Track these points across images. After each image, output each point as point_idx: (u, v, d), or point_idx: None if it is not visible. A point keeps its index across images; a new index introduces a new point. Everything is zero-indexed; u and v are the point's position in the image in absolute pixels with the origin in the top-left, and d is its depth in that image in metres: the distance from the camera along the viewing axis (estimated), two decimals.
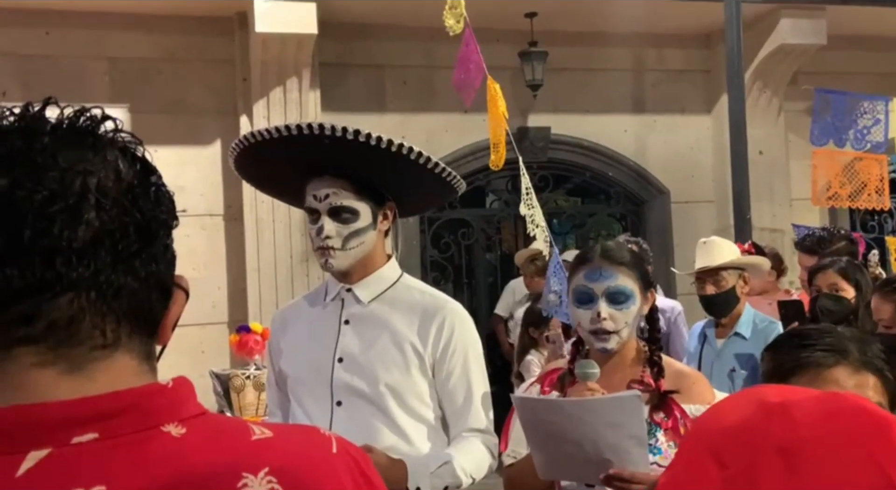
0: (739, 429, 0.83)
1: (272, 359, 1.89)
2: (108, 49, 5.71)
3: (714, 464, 0.81)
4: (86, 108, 0.71)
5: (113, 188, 0.66)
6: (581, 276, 1.86)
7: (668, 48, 6.83)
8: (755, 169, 5.28)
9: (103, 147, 0.69)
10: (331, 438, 0.73)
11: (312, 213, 1.80)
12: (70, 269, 0.64)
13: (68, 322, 0.65)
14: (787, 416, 0.82)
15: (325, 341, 1.80)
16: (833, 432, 0.81)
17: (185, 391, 0.70)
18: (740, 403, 0.87)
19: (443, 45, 5.55)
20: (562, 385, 1.89)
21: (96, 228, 0.65)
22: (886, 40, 6.92)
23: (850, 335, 1.23)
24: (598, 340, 1.83)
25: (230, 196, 5.87)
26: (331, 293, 1.85)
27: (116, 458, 0.63)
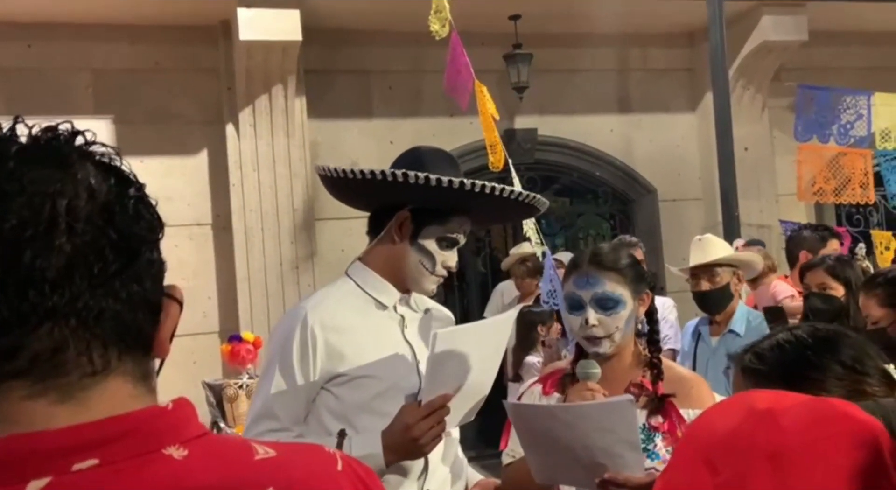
0: (730, 436, 0.84)
1: (311, 367, 1.76)
2: (91, 60, 5.68)
3: (706, 470, 0.83)
4: (54, 126, 0.68)
5: (84, 209, 0.64)
6: (571, 282, 1.88)
7: (652, 47, 6.86)
8: (741, 166, 5.31)
9: (73, 164, 0.66)
10: (335, 456, 0.72)
11: (452, 244, 1.88)
12: (45, 298, 0.62)
13: (52, 353, 0.63)
14: (774, 423, 0.84)
15: (398, 345, 1.84)
16: (820, 439, 0.82)
17: (185, 412, 0.68)
18: (731, 410, 0.89)
19: (428, 49, 5.56)
20: (563, 386, 1.90)
21: (69, 254, 0.62)
22: (867, 35, 6.98)
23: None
24: (590, 345, 1.86)
25: (218, 205, 5.85)
26: (385, 300, 1.87)
27: (118, 484, 0.62)
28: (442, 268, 1.84)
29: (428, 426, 1.64)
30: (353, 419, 1.75)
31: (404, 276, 1.85)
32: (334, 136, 6.07)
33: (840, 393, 1.01)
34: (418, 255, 1.82)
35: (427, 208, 1.82)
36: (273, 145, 5.78)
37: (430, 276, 1.84)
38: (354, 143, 6.13)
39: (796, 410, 0.86)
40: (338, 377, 1.77)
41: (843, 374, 1.04)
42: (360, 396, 1.76)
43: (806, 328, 1.15)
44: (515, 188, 1.86)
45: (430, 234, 1.82)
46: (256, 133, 5.77)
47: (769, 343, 1.13)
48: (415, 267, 1.83)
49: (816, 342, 1.09)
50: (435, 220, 1.83)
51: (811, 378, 1.04)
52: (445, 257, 1.84)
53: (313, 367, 1.76)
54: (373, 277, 1.86)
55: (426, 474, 1.77)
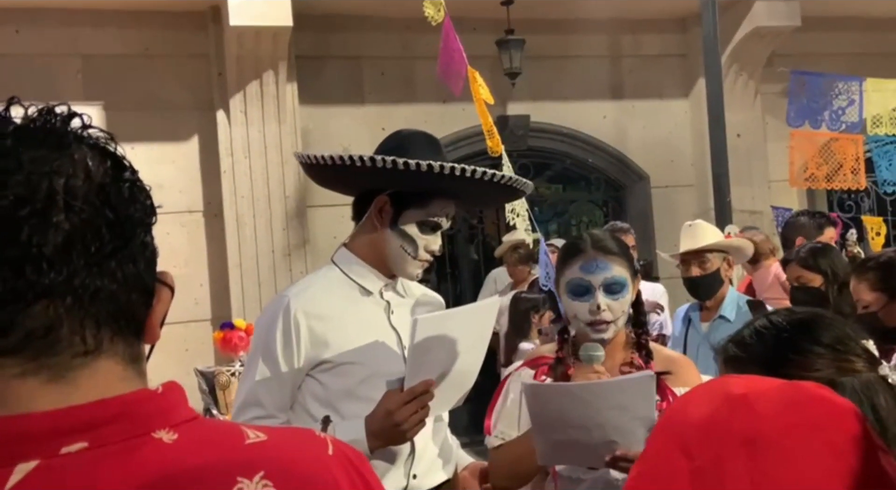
0: (705, 421, 0.85)
1: (295, 355, 1.76)
2: (80, 46, 5.62)
3: (682, 456, 0.84)
4: (51, 107, 0.68)
5: (82, 188, 0.64)
6: (576, 268, 1.86)
7: (645, 33, 6.85)
8: (733, 152, 5.31)
9: (70, 145, 0.66)
10: (326, 440, 0.72)
11: (435, 228, 1.86)
12: (41, 275, 0.62)
13: (46, 330, 0.63)
14: (749, 407, 0.85)
15: (383, 331, 1.84)
16: (794, 422, 0.83)
17: (175, 396, 0.68)
18: (706, 396, 0.90)
19: (420, 35, 5.53)
20: (555, 373, 1.90)
21: (66, 231, 0.62)
22: (859, 20, 6.98)
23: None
24: (595, 332, 1.84)
25: (209, 192, 5.82)
26: (370, 286, 1.87)
27: (107, 467, 0.61)
28: (425, 252, 1.83)
29: (410, 412, 1.64)
30: (338, 405, 1.75)
31: (387, 262, 1.85)
32: (326, 123, 6.04)
33: (823, 373, 1.02)
34: (399, 239, 1.81)
35: (406, 192, 1.81)
36: (264, 132, 5.75)
37: (412, 260, 1.82)
38: (346, 129, 6.10)
39: (771, 395, 0.87)
40: (322, 364, 1.77)
41: (825, 353, 1.05)
42: (344, 383, 1.76)
43: (783, 313, 1.16)
44: (492, 171, 1.83)
45: (411, 218, 1.81)
46: (247, 119, 5.74)
47: (748, 331, 1.14)
48: (396, 252, 1.82)
49: (794, 325, 1.10)
50: (414, 204, 1.82)
51: (793, 361, 1.04)
52: (428, 241, 1.83)
53: (297, 354, 1.76)
54: (357, 264, 1.86)
55: (413, 459, 1.77)
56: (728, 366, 1.12)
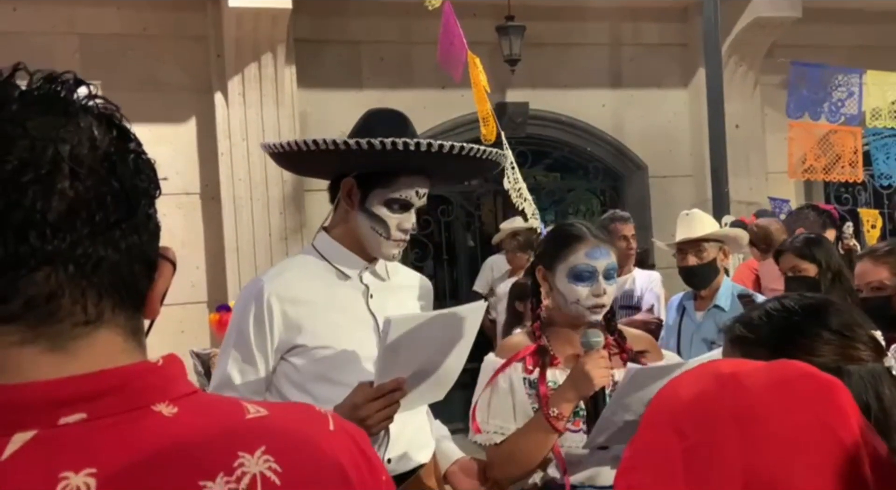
0: (696, 401, 0.87)
1: (268, 339, 1.76)
2: (78, 25, 5.58)
3: (675, 435, 0.85)
4: (57, 74, 0.67)
5: (88, 156, 0.63)
6: (582, 254, 1.93)
7: (645, 22, 6.82)
8: (732, 143, 5.31)
9: (76, 113, 0.65)
10: (327, 416, 0.72)
11: (405, 206, 1.83)
12: (45, 242, 0.61)
13: (47, 298, 0.62)
14: (738, 384, 0.87)
15: (359, 315, 1.83)
16: (783, 397, 0.85)
17: (175, 369, 0.68)
18: (696, 378, 0.92)
19: (420, 20, 5.50)
20: (543, 361, 1.93)
21: (71, 199, 0.62)
22: (860, 13, 6.96)
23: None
24: (591, 314, 1.93)
25: (206, 174, 5.81)
26: (349, 271, 1.85)
27: (106, 439, 0.61)
28: (398, 231, 1.81)
29: (376, 408, 1.62)
30: (312, 389, 1.75)
31: (363, 244, 1.84)
32: (324, 107, 6.01)
33: (828, 358, 1.03)
34: (369, 221, 1.80)
35: (371, 173, 1.80)
36: (262, 115, 5.73)
37: (386, 241, 1.81)
38: (344, 113, 6.05)
39: (759, 372, 0.89)
40: (296, 348, 1.77)
41: (832, 339, 1.06)
42: (318, 367, 1.76)
43: (794, 297, 1.16)
44: (451, 143, 1.80)
45: (377, 198, 1.80)
46: (245, 102, 5.71)
47: (758, 313, 1.15)
48: (368, 233, 1.81)
49: (805, 309, 1.11)
50: (380, 184, 1.80)
51: (799, 344, 1.05)
52: (399, 220, 1.81)
53: (270, 338, 1.76)
54: (335, 248, 1.85)
55: (387, 442, 1.77)
56: (734, 345, 1.13)
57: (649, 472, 0.85)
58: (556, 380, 1.91)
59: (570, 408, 1.83)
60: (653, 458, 0.86)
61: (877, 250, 2.37)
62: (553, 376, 1.91)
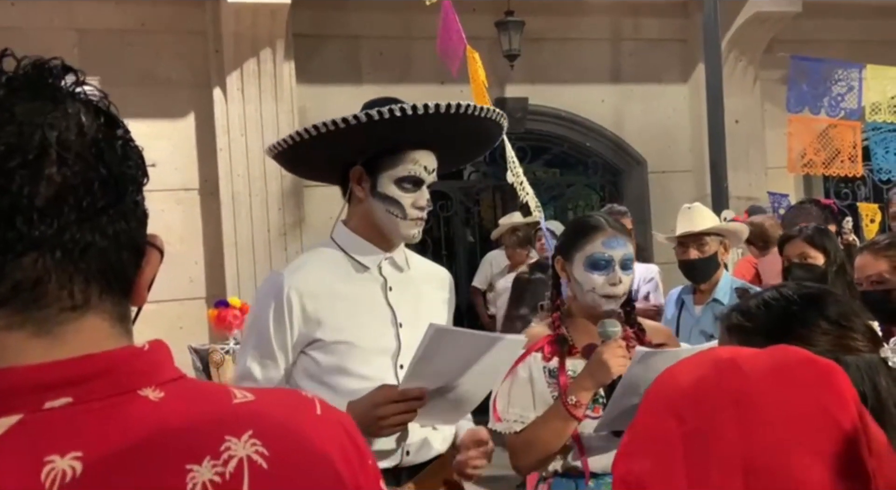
0: (695, 385, 0.87)
1: (288, 333, 1.76)
2: (76, 20, 5.58)
3: (674, 420, 0.85)
4: (44, 59, 0.67)
5: (75, 142, 0.63)
6: (598, 243, 1.98)
7: (645, 17, 6.81)
8: (731, 138, 5.30)
9: (64, 99, 0.65)
10: (314, 401, 0.72)
11: (416, 183, 1.81)
12: (32, 227, 0.61)
13: (34, 283, 0.62)
14: (737, 368, 0.87)
15: (379, 308, 1.82)
16: (782, 381, 0.85)
17: (161, 354, 0.67)
18: (695, 363, 0.92)
19: (419, 15, 5.49)
20: (562, 350, 1.98)
21: (59, 184, 0.62)
22: (860, 7, 6.95)
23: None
24: (607, 302, 1.98)
25: (205, 170, 5.80)
26: (368, 262, 1.85)
27: (92, 423, 0.61)
28: (414, 209, 1.80)
29: (395, 411, 1.63)
30: (331, 382, 1.75)
31: (382, 230, 1.83)
32: (323, 102, 6.00)
33: (827, 348, 1.02)
34: (383, 204, 1.79)
35: (376, 156, 1.80)
36: (261, 110, 5.72)
37: (403, 221, 1.80)
38: (343, 109, 5.98)
39: (758, 357, 0.89)
40: (315, 342, 1.77)
41: (829, 329, 1.05)
42: (337, 360, 1.76)
43: (792, 286, 1.16)
44: (446, 102, 1.78)
45: (387, 179, 1.79)
46: (244, 97, 5.70)
47: (755, 301, 1.15)
48: (385, 217, 1.80)
49: (803, 299, 1.10)
50: (387, 164, 1.80)
51: (797, 333, 1.05)
52: (413, 198, 1.80)
53: (290, 333, 1.76)
54: (354, 239, 1.85)
55: (407, 434, 1.77)
56: (731, 334, 1.13)
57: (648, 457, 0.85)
58: (576, 369, 1.95)
59: (588, 396, 1.88)
60: (651, 443, 0.86)
61: (877, 243, 2.37)
62: (572, 365, 1.96)
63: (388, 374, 1.77)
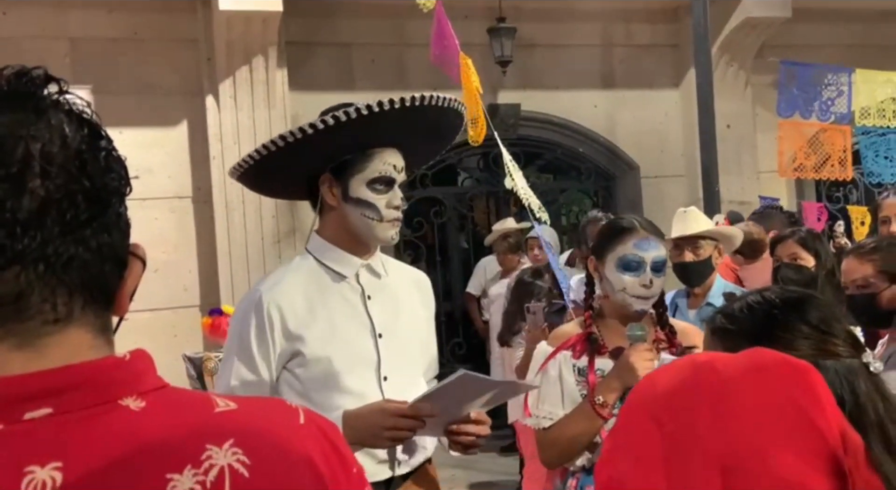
0: (673, 388, 0.89)
1: (271, 349, 1.75)
2: (68, 29, 5.58)
3: (653, 424, 0.87)
4: (27, 69, 0.67)
5: (59, 154, 0.63)
6: (630, 245, 2.02)
7: (636, 23, 6.84)
8: (723, 142, 5.31)
9: (47, 110, 0.65)
10: (298, 410, 0.72)
11: (387, 183, 1.80)
12: (15, 241, 0.61)
13: (16, 296, 0.62)
14: (713, 370, 0.89)
15: (358, 320, 1.81)
16: (757, 381, 0.87)
17: (143, 364, 0.67)
18: (673, 369, 0.94)
19: (411, 22, 5.50)
20: (592, 349, 2.03)
21: (42, 197, 0.62)
22: (849, 13, 6.99)
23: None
24: (638, 303, 2.02)
25: (198, 178, 5.80)
26: (345, 271, 1.83)
27: (72, 434, 0.61)
28: (389, 209, 1.79)
29: (404, 425, 1.64)
30: (314, 396, 1.75)
31: (358, 236, 1.82)
32: (316, 109, 5.92)
33: (807, 352, 1.03)
34: (358, 208, 1.78)
35: (343, 162, 1.79)
36: (254, 118, 5.72)
37: (380, 223, 1.79)
38: None
39: (734, 360, 0.91)
40: (297, 357, 1.76)
41: (810, 333, 1.06)
42: (319, 375, 1.76)
43: (776, 290, 1.17)
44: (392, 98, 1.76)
45: (358, 182, 1.78)
46: (237, 105, 5.71)
47: (739, 305, 1.16)
48: (360, 221, 1.79)
49: (785, 303, 1.11)
50: (355, 167, 1.79)
51: (778, 337, 1.05)
52: (387, 198, 1.79)
53: (272, 349, 1.75)
54: (329, 249, 1.84)
55: (396, 448, 1.77)
56: (715, 337, 1.14)
57: (629, 461, 0.86)
58: (605, 368, 2.01)
59: (614, 397, 1.93)
60: (632, 447, 0.87)
61: (862, 247, 2.37)
62: (602, 364, 2.02)
63: (371, 387, 1.77)
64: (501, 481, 5.07)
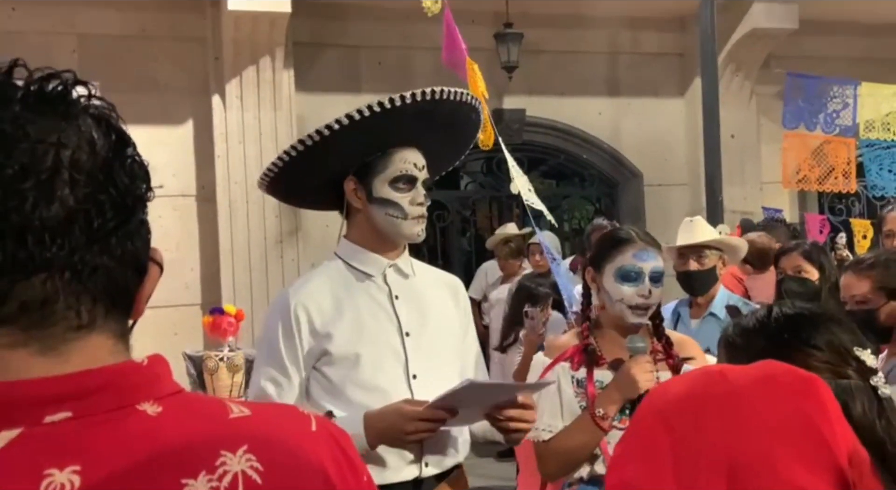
0: (685, 396, 0.91)
1: (299, 350, 1.78)
2: (76, 26, 5.59)
3: (663, 429, 0.88)
4: (56, 72, 0.66)
5: (87, 162, 0.64)
6: (629, 255, 2.01)
7: (643, 31, 6.85)
8: (727, 152, 5.32)
9: (76, 116, 0.65)
10: (310, 416, 0.73)
11: (410, 180, 1.83)
12: (43, 248, 0.61)
13: (41, 303, 0.62)
14: (723, 378, 0.90)
15: (385, 318, 1.83)
16: (765, 389, 0.89)
17: (160, 369, 0.68)
18: (687, 376, 0.97)
19: (418, 25, 5.51)
20: (590, 360, 2.02)
21: (70, 206, 0.62)
22: (856, 25, 7.00)
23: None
24: (636, 316, 2.01)
25: (203, 176, 5.81)
26: (372, 270, 1.86)
27: (91, 437, 0.62)
28: (413, 206, 1.82)
29: (422, 428, 1.66)
30: (345, 395, 1.77)
31: (385, 234, 1.84)
32: (321, 111, 6.01)
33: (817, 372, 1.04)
34: (383, 208, 1.81)
35: (365, 163, 1.82)
36: (260, 118, 5.74)
37: (405, 221, 1.82)
38: None
39: (745, 369, 0.92)
40: (325, 356, 1.79)
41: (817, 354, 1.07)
42: (349, 373, 1.78)
43: (787, 307, 1.17)
44: (413, 92, 1.78)
45: (381, 182, 1.82)
46: (243, 105, 5.72)
47: (752, 319, 1.16)
48: (385, 221, 1.82)
49: (794, 322, 1.12)
50: (377, 168, 1.82)
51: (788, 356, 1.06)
52: (410, 196, 1.82)
53: (300, 348, 1.79)
54: (357, 251, 1.87)
55: (423, 446, 1.77)
56: (727, 351, 1.15)
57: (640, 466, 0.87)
58: (604, 380, 1.99)
59: (615, 409, 1.92)
60: (643, 452, 0.88)
61: (860, 262, 2.37)
62: (600, 376, 2.00)
63: (400, 385, 1.79)
64: (498, 486, 5.08)
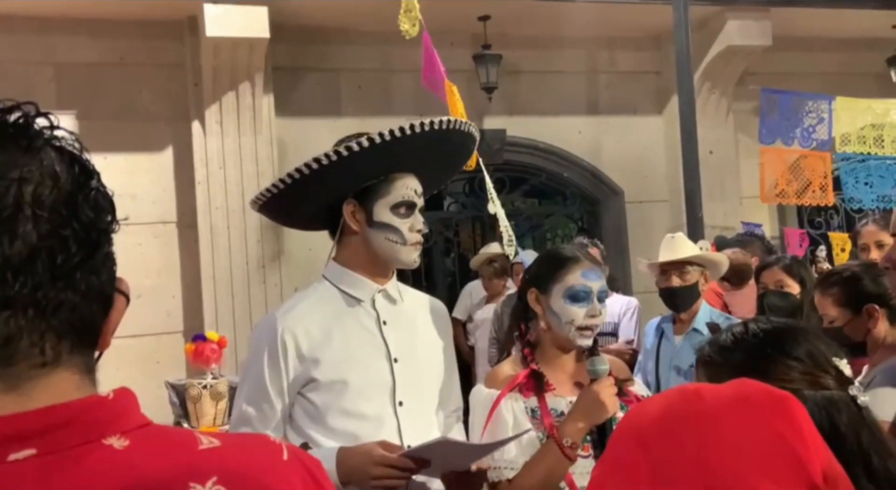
0: (661, 416, 0.90)
1: (283, 376, 1.75)
2: (54, 54, 5.58)
3: (640, 449, 0.88)
4: (17, 104, 0.66)
5: (50, 197, 0.63)
6: (578, 275, 1.96)
7: (620, 50, 6.93)
8: (706, 168, 5.36)
9: (39, 149, 0.64)
10: (281, 445, 0.72)
11: (410, 206, 1.84)
12: (6, 286, 0.60)
13: (5, 341, 0.61)
14: (700, 398, 0.90)
15: (373, 344, 1.81)
16: (739, 408, 0.88)
17: (126, 402, 0.67)
18: (663, 396, 0.96)
19: (398, 48, 5.55)
20: (538, 387, 1.93)
21: (33, 243, 0.61)
22: (829, 41, 7.12)
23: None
24: (582, 338, 1.95)
25: (183, 203, 5.78)
26: (361, 295, 1.84)
27: (57, 474, 0.61)
28: (412, 233, 1.82)
29: (389, 475, 1.63)
30: (331, 423, 1.75)
31: (381, 259, 1.84)
32: (302, 135, 6.03)
33: (795, 385, 1.04)
34: (382, 232, 1.81)
35: (366, 188, 1.82)
36: (240, 143, 5.73)
37: (403, 247, 1.82)
38: (323, 141, 6.05)
39: (720, 389, 0.92)
40: (312, 382, 1.77)
41: (796, 366, 1.07)
42: (335, 400, 1.76)
43: (762, 322, 1.17)
44: (412, 123, 1.79)
45: (383, 207, 1.82)
46: (223, 130, 5.71)
47: (726, 336, 1.16)
48: (384, 245, 1.82)
49: (774, 335, 1.12)
50: (379, 192, 1.82)
51: (766, 370, 1.06)
52: (410, 223, 1.83)
53: (285, 374, 1.76)
54: (346, 274, 1.85)
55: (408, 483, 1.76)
56: (704, 368, 1.14)
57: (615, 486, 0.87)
58: (556, 407, 1.90)
59: (581, 435, 1.82)
60: (620, 472, 0.88)
61: (825, 281, 2.38)
62: (553, 403, 1.90)
63: (386, 413, 1.77)
64: None
